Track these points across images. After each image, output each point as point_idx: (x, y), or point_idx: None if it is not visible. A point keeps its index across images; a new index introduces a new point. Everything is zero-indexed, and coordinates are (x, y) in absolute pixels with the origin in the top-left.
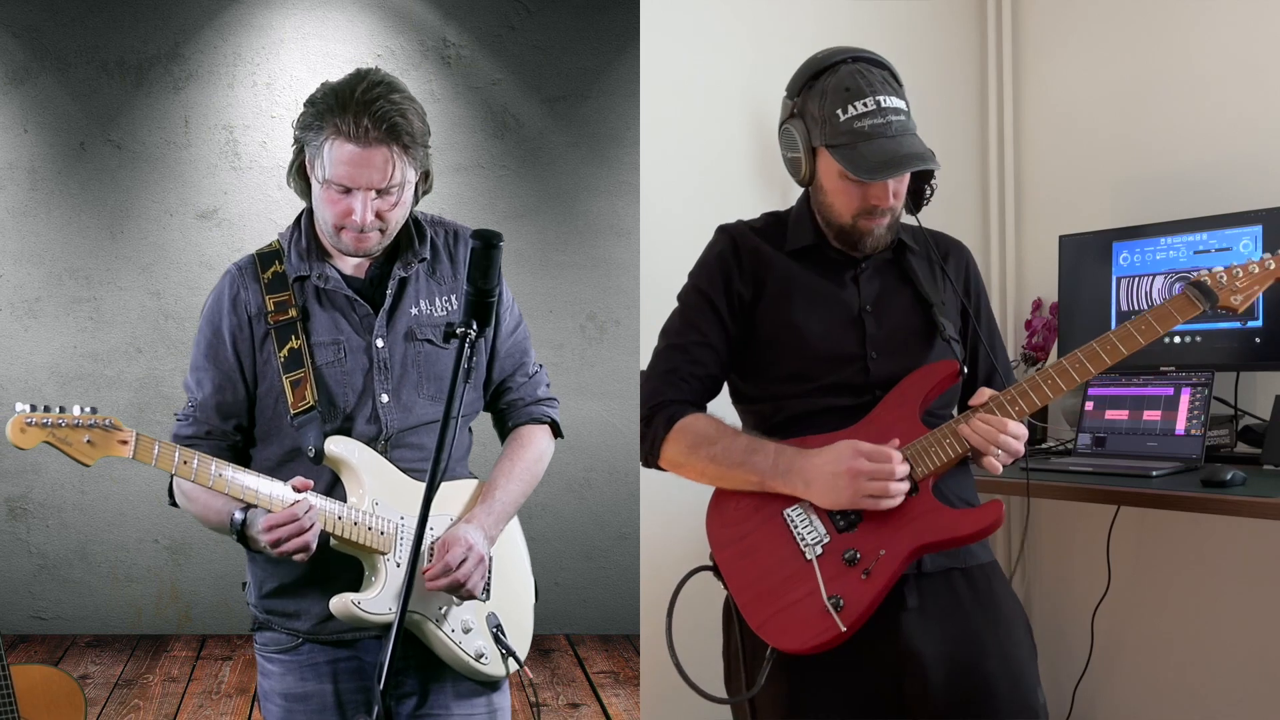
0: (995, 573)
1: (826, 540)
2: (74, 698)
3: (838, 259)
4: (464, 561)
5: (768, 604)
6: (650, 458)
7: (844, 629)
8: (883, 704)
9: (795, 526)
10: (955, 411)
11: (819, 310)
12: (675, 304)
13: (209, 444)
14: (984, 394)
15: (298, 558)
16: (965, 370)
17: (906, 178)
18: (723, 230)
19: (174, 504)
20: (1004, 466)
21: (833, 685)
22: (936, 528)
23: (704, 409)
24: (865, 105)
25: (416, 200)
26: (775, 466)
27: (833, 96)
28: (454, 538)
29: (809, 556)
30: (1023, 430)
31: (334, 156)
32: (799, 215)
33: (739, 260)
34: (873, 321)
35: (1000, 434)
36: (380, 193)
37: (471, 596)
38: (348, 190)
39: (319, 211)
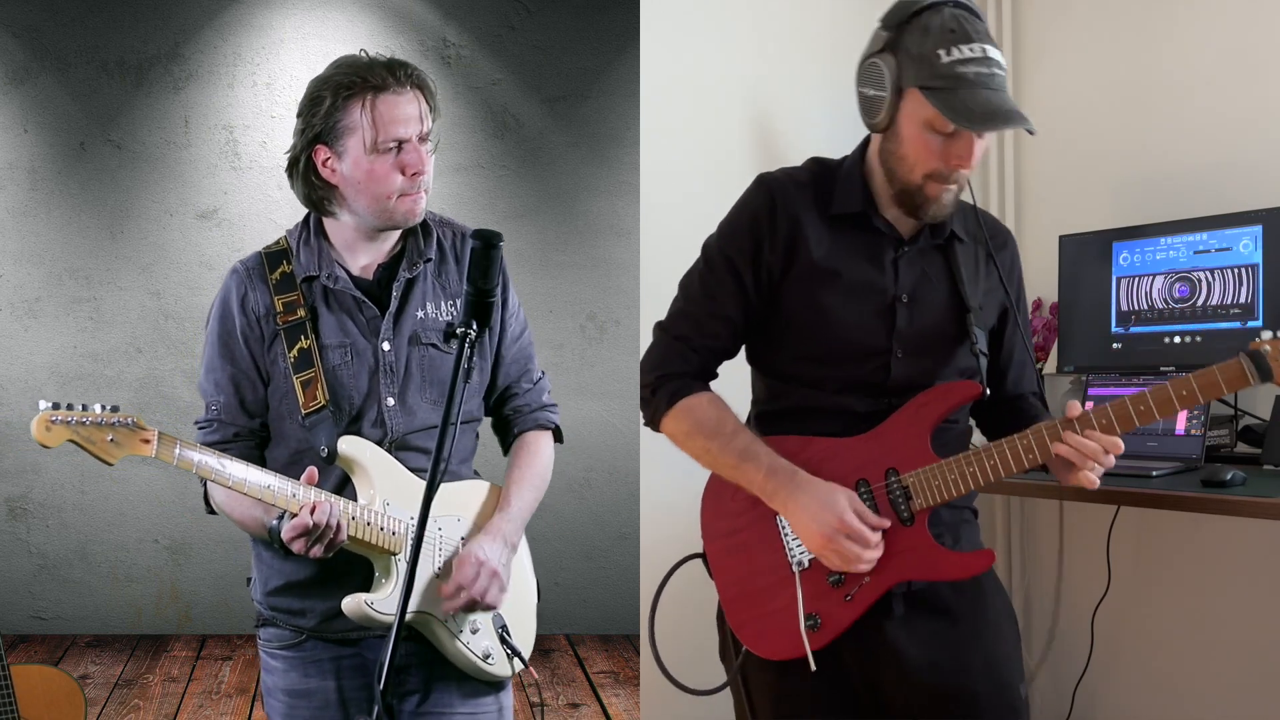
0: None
1: (814, 554)
2: (74, 698)
3: (883, 234)
4: (476, 578)
5: (748, 606)
6: (651, 425)
7: (809, 657)
8: (866, 703)
9: (787, 534)
10: (971, 422)
11: (850, 294)
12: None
13: (238, 446)
14: (1075, 407)
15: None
16: (987, 392)
17: (985, 142)
18: (762, 184)
19: (211, 512)
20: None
21: (818, 682)
22: (924, 566)
23: (712, 375)
24: (971, 50)
25: None
26: (764, 486)
27: (937, 35)
28: (462, 557)
29: (794, 568)
30: (1121, 445)
31: (382, 115)
32: (849, 175)
33: (773, 224)
34: (905, 314)
35: (1107, 453)
36: (421, 142)
37: (492, 608)
38: (398, 146)
39: (366, 189)
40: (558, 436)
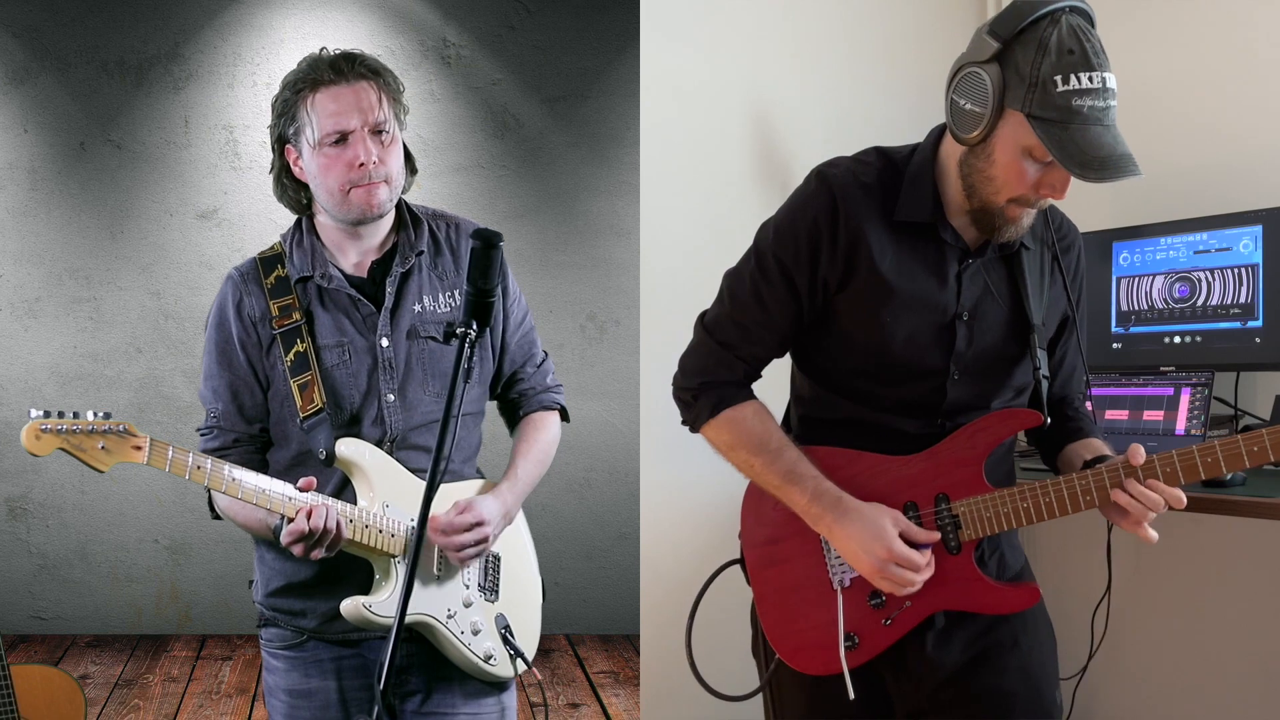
0: (1025, 573)
1: (856, 574)
2: (74, 698)
3: (949, 245)
4: (465, 532)
5: (786, 617)
6: (690, 428)
7: (848, 682)
8: (899, 707)
9: (829, 549)
10: (1027, 440)
11: (909, 311)
12: (717, 282)
13: (238, 452)
14: (1139, 453)
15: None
16: (1048, 422)
17: None
18: (824, 182)
19: (216, 517)
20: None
21: (854, 687)
22: (967, 598)
23: (756, 379)
24: (1090, 81)
25: (405, 189)
26: (808, 510)
27: (1055, 57)
28: (471, 504)
29: (836, 585)
30: (1184, 500)
31: (321, 109)
32: (917, 178)
33: (834, 232)
34: (964, 334)
35: (1165, 507)
36: (375, 134)
37: (454, 564)
38: (344, 138)
39: (322, 184)
40: (564, 416)
